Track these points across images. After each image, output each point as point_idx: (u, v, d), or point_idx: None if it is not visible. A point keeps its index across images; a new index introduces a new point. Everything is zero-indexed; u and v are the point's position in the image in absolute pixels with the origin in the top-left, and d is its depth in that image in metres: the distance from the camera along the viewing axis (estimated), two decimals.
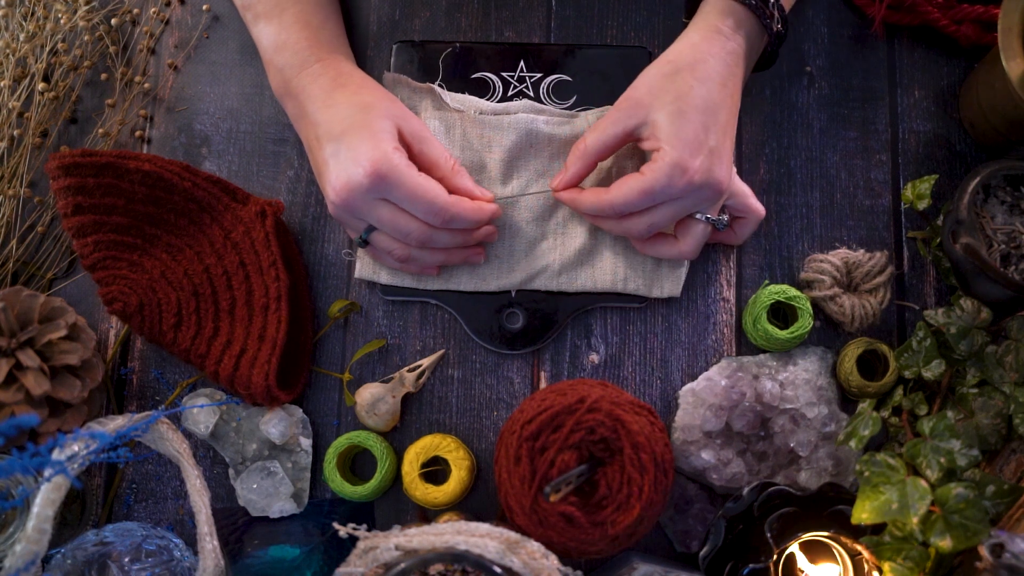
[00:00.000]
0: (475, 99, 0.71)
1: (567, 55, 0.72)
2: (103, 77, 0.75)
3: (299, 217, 0.73)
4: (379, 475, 0.65)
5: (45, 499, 0.52)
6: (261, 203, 0.67)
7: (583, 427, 0.57)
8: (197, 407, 0.67)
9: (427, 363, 0.69)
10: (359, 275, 0.70)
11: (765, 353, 0.69)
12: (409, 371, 0.69)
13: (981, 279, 0.64)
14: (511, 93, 0.72)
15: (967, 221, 0.63)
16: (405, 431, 0.69)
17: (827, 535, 0.61)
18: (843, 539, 0.61)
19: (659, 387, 0.70)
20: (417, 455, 0.66)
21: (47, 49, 0.73)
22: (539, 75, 0.72)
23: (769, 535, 0.58)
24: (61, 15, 0.73)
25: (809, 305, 0.66)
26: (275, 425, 0.67)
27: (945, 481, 0.58)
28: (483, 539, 0.54)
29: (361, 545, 0.57)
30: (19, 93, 0.72)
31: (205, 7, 0.76)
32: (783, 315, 0.69)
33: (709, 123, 0.60)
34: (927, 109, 0.73)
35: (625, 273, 0.69)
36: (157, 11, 0.76)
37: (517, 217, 0.69)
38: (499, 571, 0.52)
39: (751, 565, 0.58)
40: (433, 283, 0.69)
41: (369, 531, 0.57)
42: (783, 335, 0.65)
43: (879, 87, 0.74)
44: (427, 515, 0.68)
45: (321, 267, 0.72)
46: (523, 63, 0.72)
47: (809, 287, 0.69)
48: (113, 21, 0.75)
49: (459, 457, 0.66)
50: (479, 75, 0.72)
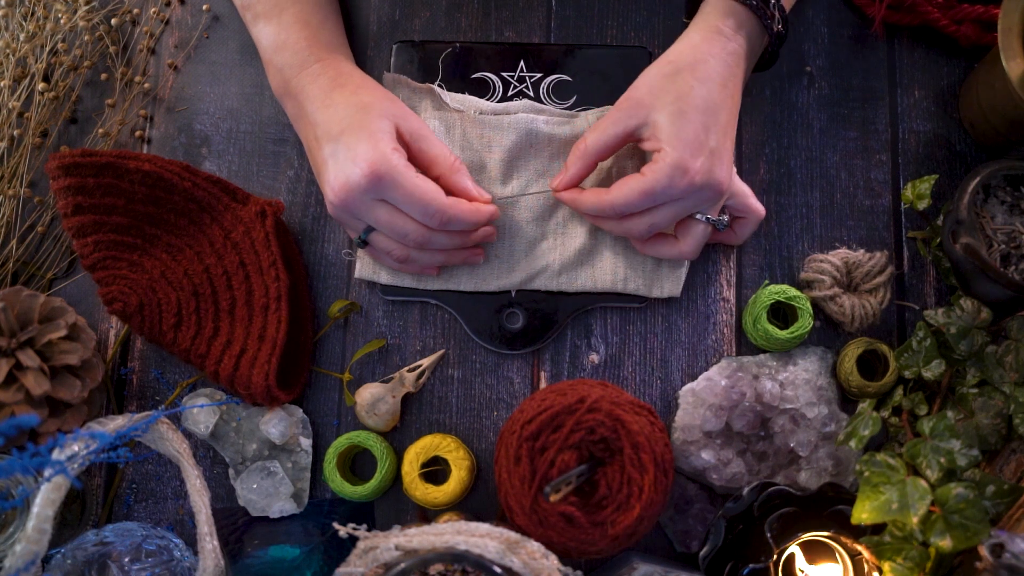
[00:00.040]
0: (475, 99, 0.71)
1: (567, 55, 0.72)
2: (103, 77, 0.75)
3: (299, 217, 0.73)
4: (379, 475, 0.65)
5: (45, 499, 0.52)
6: (261, 203, 0.67)
7: (583, 427, 0.57)
8: (197, 407, 0.67)
9: (427, 363, 0.69)
10: (359, 275, 0.70)
11: (765, 353, 0.69)
12: (409, 371, 0.69)
13: (981, 279, 0.64)
14: (511, 93, 0.72)
15: (967, 221, 0.63)
16: (405, 431, 0.69)
17: (827, 535, 0.61)
18: (843, 539, 0.61)
19: (659, 387, 0.70)
20: (417, 455, 0.66)
21: (47, 49, 0.73)
22: (539, 75, 0.72)
23: (769, 535, 0.58)
24: (61, 15, 0.73)
25: (809, 305, 0.66)
26: (275, 425, 0.67)
27: (945, 481, 0.58)
28: (483, 539, 0.54)
29: (361, 545, 0.57)
30: (19, 93, 0.72)
31: (205, 7, 0.76)
32: (783, 315, 0.69)
33: (710, 124, 0.60)
34: (927, 109, 0.73)
35: (625, 273, 0.69)
36: (157, 11, 0.76)
37: (517, 217, 0.69)
38: (499, 571, 0.52)
39: (751, 565, 0.58)
40: (433, 283, 0.69)
41: (369, 531, 0.57)
42: (783, 335, 0.65)
43: (879, 87, 0.74)
44: (427, 515, 0.68)
45: (321, 267, 0.72)
46: (523, 63, 0.72)
47: (809, 287, 0.69)
48: (113, 21, 0.75)
49: (459, 457, 0.66)
50: (479, 75, 0.72)
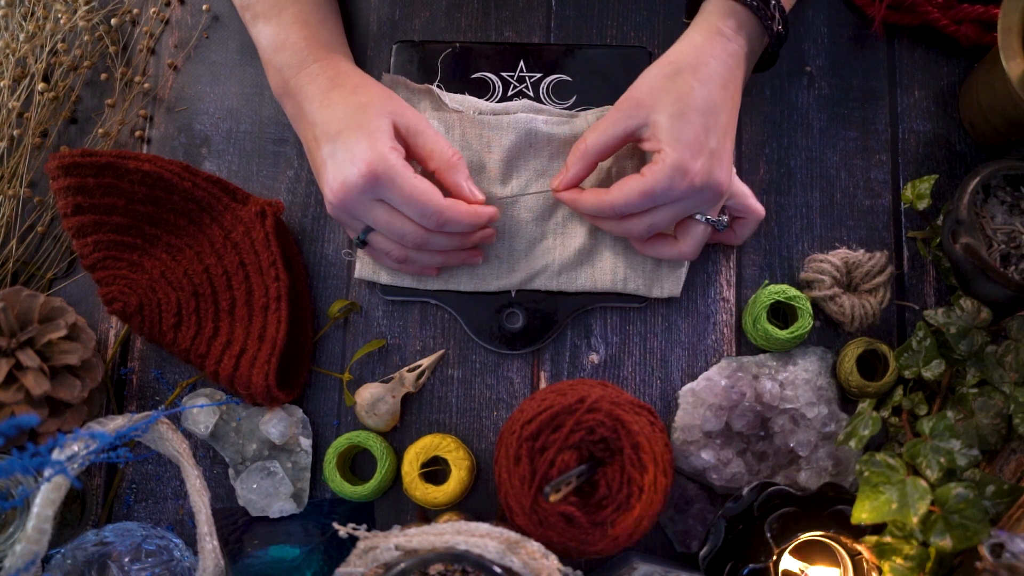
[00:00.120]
0: (474, 99, 0.71)
1: (567, 55, 0.72)
2: (103, 77, 0.75)
3: (299, 217, 0.73)
4: (379, 475, 0.65)
5: (45, 499, 0.52)
6: (261, 203, 0.67)
7: (583, 427, 0.57)
8: (197, 407, 0.67)
9: (427, 363, 0.69)
10: (359, 275, 0.70)
11: (765, 353, 0.69)
12: (409, 371, 0.69)
13: (981, 279, 0.64)
14: (511, 93, 0.72)
15: (967, 221, 0.63)
16: (405, 431, 0.69)
17: (827, 535, 0.61)
18: (843, 539, 0.61)
19: (659, 387, 0.70)
20: (417, 455, 0.66)
21: (47, 49, 0.73)
22: (539, 75, 0.72)
23: (769, 535, 0.58)
24: (61, 15, 0.73)
25: (809, 305, 0.66)
26: (275, 425, 0.67)
27: (945, 481, 0.58)
28: (483, 539, 0.54)
29: (361, 545, 0.57)
30: (19, 93, 0.72)
31: (205, 7, 0.76)
32: (783, 315, 0.69)
33: (710, 125, 0.60)
34: (927, 109, 0.73)
35: (625, 273, 0.69)
36: (157, 11, 0.76)
37: (517, 217, 0.69)
38: (499, 571, 0.52)
39: (751, 565, 0.58)
40: (433, 283, 0.69)
41: (369, 531, 0.57)
42: (783, 335, 0.65)
43: (879, 87, 0.74)
44: (427, 515, 0.68)
45: (321, 267, 0.72)
46: (523, 63, 0.72)
47: (809, 287, 0.69)
48: (113, 21, 0.75)
49: (459, 457, 0.66)
50: (479, 75, 0.72)
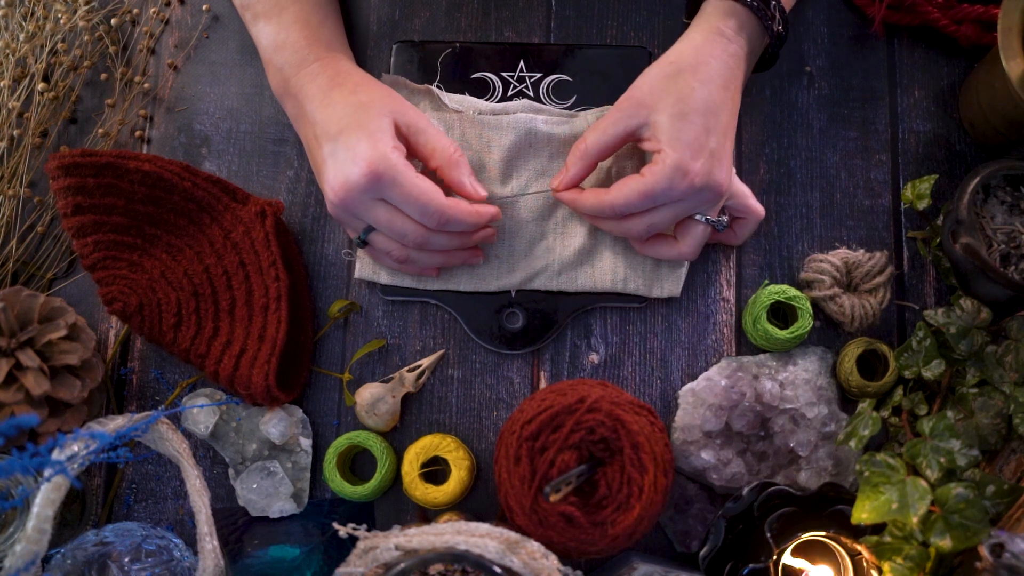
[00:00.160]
0: (473, 99, 0.71)
1: (567, 55, 0.72)
2: (103, 77, 0.75)
3: (299, 217, 0.73)
4: (379, 475, 0.65)
5: (45, 499, 0.52)
6: (261, 203, 0.67)
7: (583, 427, 0.57)
8: (197, 407, 0.67)
9: (427, 363, 0.69)
10: (359, 275, 0.70)
11: (765, 353, 0.69)
12: (409, 371, 0.69)
13: (981, 279, 0.64)
14: (511, 93, 0.72)
15: (967, 221, 0.63)
16: (405, 431, 0.69)
17: (827, 535, 0.61)
18: (843, 539, 0.61)
19: (659, 387, 0.70)
20: (417, 455, 0.66)
21: (47, 49, 0.73)
22: (539, 75, 0.72)
23: (769, 535, 0.58)
24: (61, 15, 0.73)
25: (809, 305, 0.66)
26: (275, 425, 0.66)
27: (945, 481, 0.58)
28: (483, 539, 0.54)
29: (361, 545, 0.57)
30: (19, 93, 0.72)
31: (205, 7, 0.76)
32: (783, 315, 0.69)
33: (710, 125, 0.60)
34: (927, 109, 0.73)
35: (625, 273, 0.69)
36: (157, 11, 0.76)
37: (517, 217, 0.69)
38: (499, 571, 0.52)
39: (751, 565, 0.58)
40: (433, 283, 0.69)
41: (369, 531, 0.57)
42: (783, 335, 0.65)
43: (879, 87, 0.74)
44: (427, 515, 0.68)
45: (321, 267, 0.72)
46: (523, 63, 0.72)
47: (809, 287, 0.69)
48: (113, 21, 0.75)
49: (459, 457, 0.66)
50: (479, 75, 0.72)
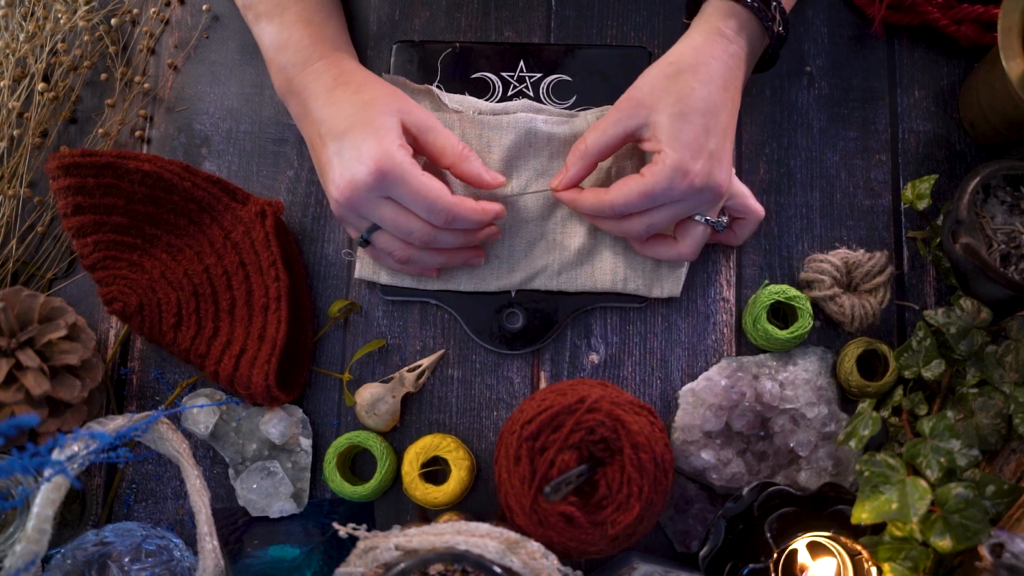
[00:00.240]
0: (473, 100, 0.71)
1: (567, 55, 0.72)
2: (103, 77, 0.75)
3: (299, 217, 0.73)
4: (379, 475, 0.65)
5: (45, 499, 0.52)
6: (261, 203, 0.67)
7: (583, 427, 0.57)
8: (197, 407, 0.67)
9: (427, 363, 0.69)
10: (359, 275, 0.70)
11: (765, 353, 0.69)
12: (409, 371, 0.69)
13: (981, 279, 0.64)
14: (511, 93, 0.72)
15: (967, 221, 0.63)
16: (405, 431, 0.69)
17: (827, 535, 0.61)
18: (843, 539, 0.61)
19: (659, 387, 0.70)
20: (417, 455, 0.66)
21: (47, 49, 0.73)
22: (539, 75, 0.72)
23: (769, 535, 0.58)
24: (61, 15, 0.73)
25: (809, 305, 0.66)
26: (275, 425, 0.67)
27: (945, 481, 0.58)
28: (483, 539, 0.54)
29: (361, 545, 0.57)
30: (19, 93, 0.72)
31: (205, 7, 0.76)
32: (783, 315, 0.69)
33: (710, 126, 0.60)
34: (927, 109, 0.73)
35: (625, 273, 0.69)
36: (157, 11, 0.76)
37: (517, 217, 0.69)
38: (499, 571, 0.52)
39: (751, 565, 0.58)
40: (433, 283, 0.69)
41: (369, 531, 0.57)
42: (783, 335, 0.65)
43: (879, 87, 0.74)
44: (427, 515, 0.68)
45: (321, 267, 0.72)
46: (523, 63, 0.72)
47: (809, 287, 0.69)
48: (113, 21, 0.75)
49: (459, 457, 0.66)
50: (479, 75, 0.72)
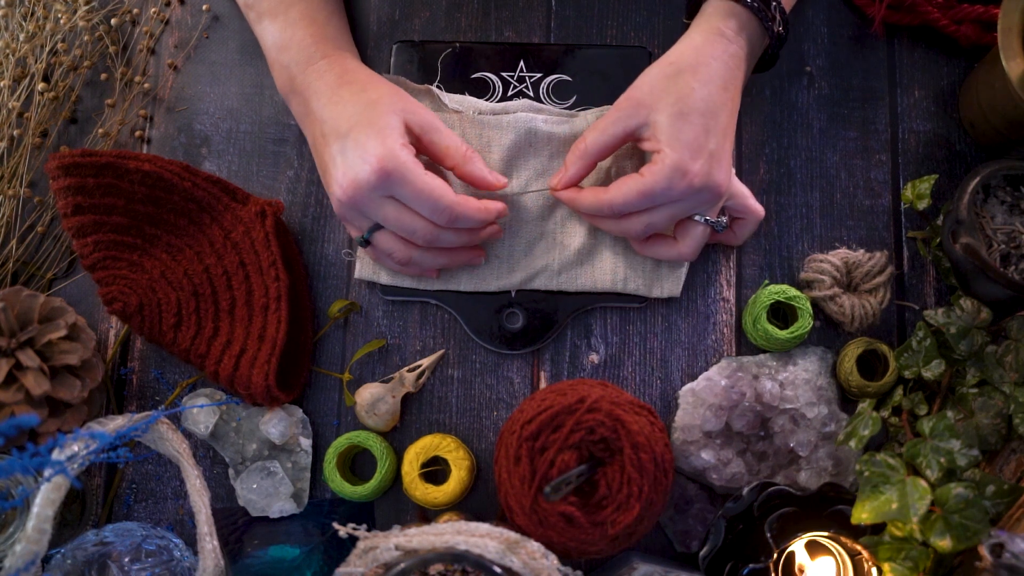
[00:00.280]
0: (473, 99, 0.71)
1: (567, 55, 0.72)
2: (103, 77, 0.75)
3: (299, 217, 0.73)
4: (379, 475, 0.65)
5: (45, 499, 0.52)
6: (261, 203, 0.67)
7: (583, 427, 0.57)
8: (197, 407, 0.67)
9: (427, 363, 0.69)
10: (359, 275, 0.70)
11: (765, 353, 0.69)
12: (409, 371, 0.69)
13: (981, 279, 0.64)
14: (511, 93, 0.72)
15: (967, 221, 0.63)
16: (405, 431, 0.69)
17: (827, 535, 0.61)
18: (843, 539, 0.61)
19: (659, 387, 0.70)
20: (417, 455, 0.66)
21: (47, 49, 0.73)
22: (539, 75, 0.72)
23: (769, 535, 0.58)
24: (61, 15, 0.73)
25: (809, 305, 0.66)
26: (275, 425, 0.67)
27: (945, 481, 0.58)
28: (483, 539, 0.54)
29: (361, 545, 0.57)
30: (19, 93, 0.72)
31: (205, 7, 0.76)
32: (783, 315, 0.69)
33: (710, 126, 0.60)
34: (927, 109, 0.73)
35: (625, 273, 0.69)
36: (157, 11, 0.76)
37: (517, 217, 0.69)
38: (499, 571, 0.52)
39: (751, 565, 0.58)
40: (433, 283, 0.69)
41: (369, 531, 0.57)
42: (783, 335, 0.65)
43: (879, 87, 0.74)
44: (427, 515, 0.68)
45: (321, 267, 0.72)
46: (523, 63, 0.72)
47: (809, 287, 0.69)
48: (113, 21, 0.75)
49: (459, 457, 0.66)
50: (479, 75, 0.72)
